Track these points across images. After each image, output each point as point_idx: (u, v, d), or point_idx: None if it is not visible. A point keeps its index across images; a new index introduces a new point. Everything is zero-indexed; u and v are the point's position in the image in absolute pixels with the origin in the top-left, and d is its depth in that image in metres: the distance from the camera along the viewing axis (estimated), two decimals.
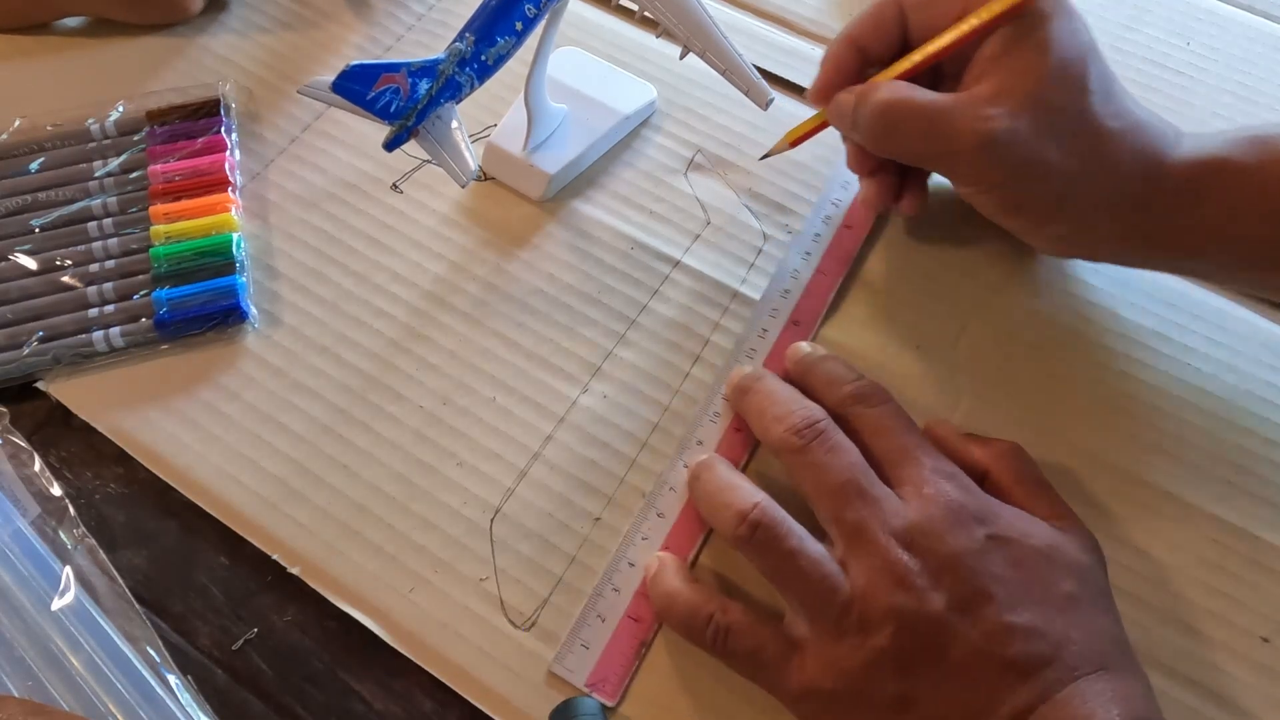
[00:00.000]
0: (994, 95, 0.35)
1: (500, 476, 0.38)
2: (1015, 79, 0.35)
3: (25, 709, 0.29)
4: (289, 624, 0.35)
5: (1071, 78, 0.35)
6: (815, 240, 0.43)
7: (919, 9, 0.37)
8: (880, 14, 0.38)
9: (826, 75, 0.39)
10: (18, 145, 0.45)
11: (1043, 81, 0.34)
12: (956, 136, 0.35)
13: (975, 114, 0.34)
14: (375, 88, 0.36)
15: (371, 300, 0.42)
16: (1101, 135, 0.35)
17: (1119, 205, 0.36)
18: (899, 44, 0.38)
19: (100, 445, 0.39)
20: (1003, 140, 0.34)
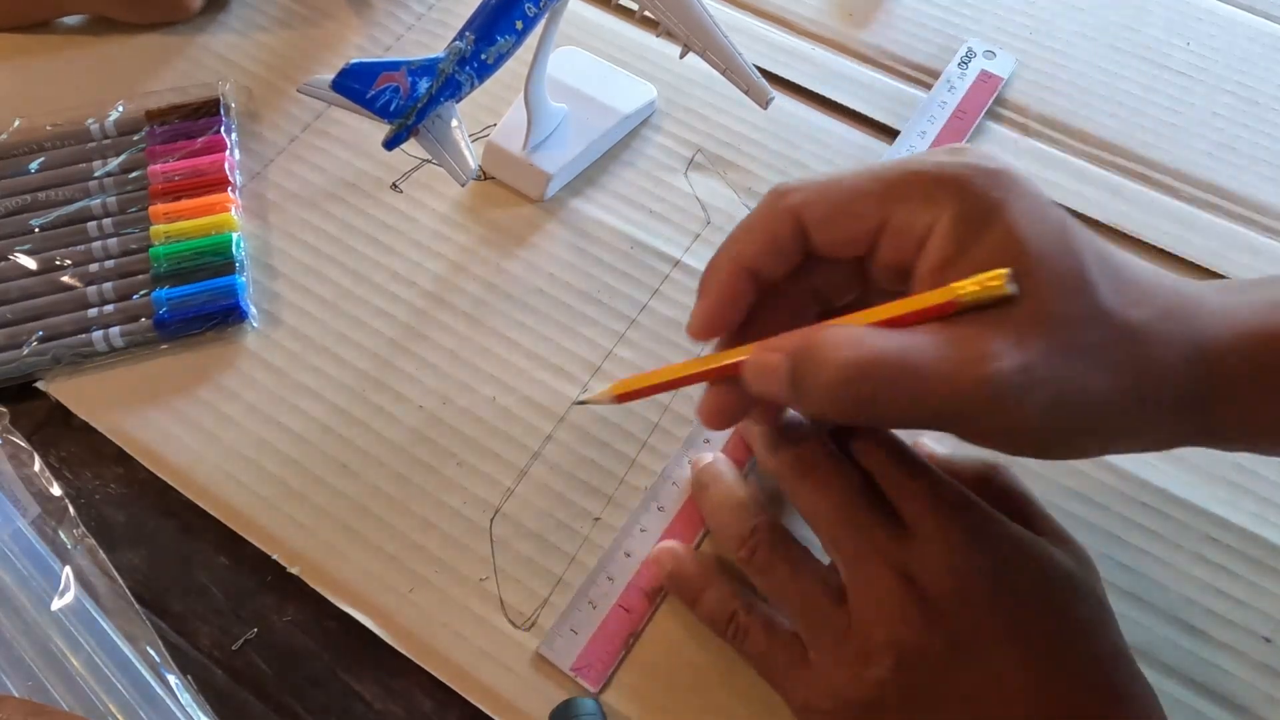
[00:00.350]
0: (983, 326, 0.26)
1: (500, 476, 0.38)
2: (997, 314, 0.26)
3: (25, 709, 0.29)
4: (289, 624, 0.35)
5: (1065, 274, 0.26)
6: None
7: (825, 225, 0.29)
8: (774, 233, 0.29)
9: (713, 304, 0.30)
10: (17, 145, 0.45)
11: (1037, 295, 0.26)
12: (958, 392, 0.26)
13: (970, 358, 0.25)
14: (375, 86, 0.36)
15: (371, 300, 0.42)
16: (1130, 336, 0.27)
17: (1176, 411, 0.28)
18: (799, 259, 0.30)
19: (100, 445, 0.39)
20: (1019, 382, 0.25)
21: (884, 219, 0.28)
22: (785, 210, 0.29)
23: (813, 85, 0.49)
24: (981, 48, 0.49)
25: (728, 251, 0.30)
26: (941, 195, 0.27)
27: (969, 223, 0.27)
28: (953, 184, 0.27)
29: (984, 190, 0.27)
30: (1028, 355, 0.25)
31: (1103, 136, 0.47)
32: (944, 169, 0.27)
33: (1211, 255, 0.44)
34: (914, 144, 0.46)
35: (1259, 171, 0.46)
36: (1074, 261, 0.27)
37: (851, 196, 0.28)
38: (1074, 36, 0.51)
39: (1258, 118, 0.48)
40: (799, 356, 0.27)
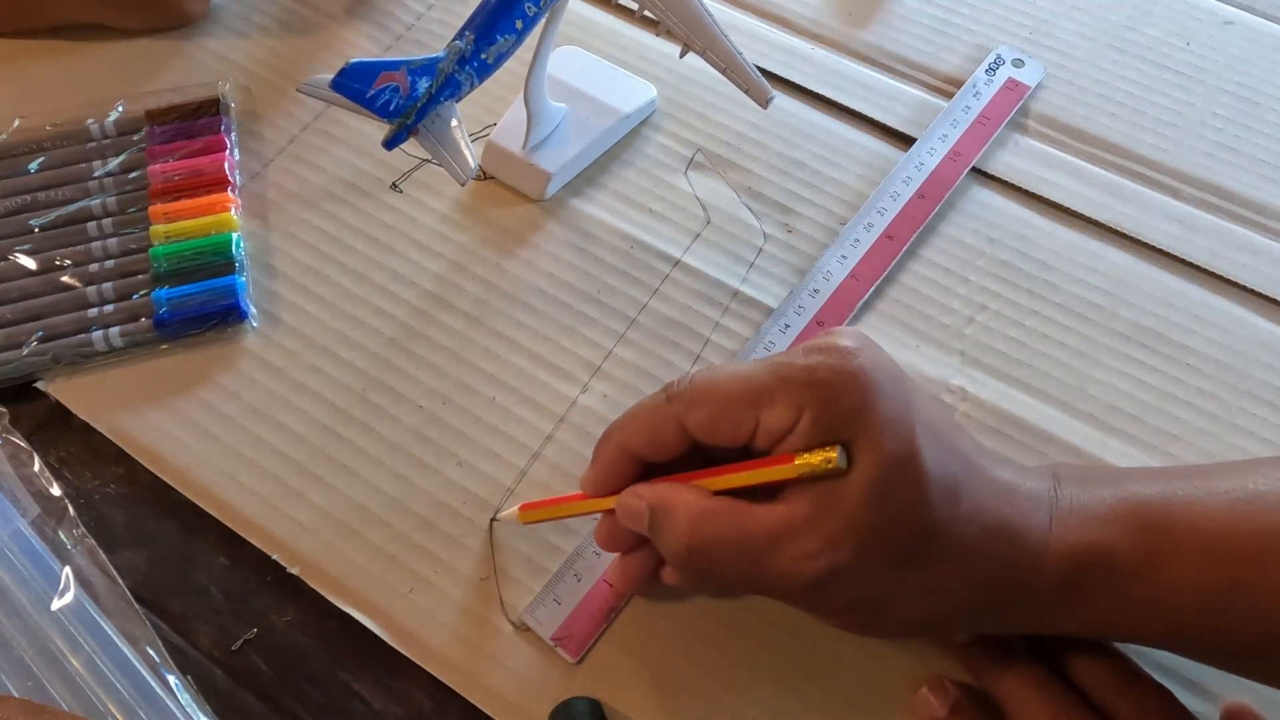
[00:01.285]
0: (809, 524, 0.29)
1: (500, 476, 0.38)
2: (830, 500, 0.29)
3: (25, 709, 0.29)
4: (289, 624, 0.35)
5: (900, 492, 0.28)
6: (854, 245, 0.43)
7: (705, 428, 0.31)
8: (658, 432, 0.31)
9: (600, 470, 0.33)
10: (17, 145, 0.45)
11: (865, 502, 0.28)
12: (780, 578, 0.29)
13: (795, 552, 0.29)
14: (375, 85, 0.35)
15: (371, 299, 0.42)
16: (954, 551, 0.29)
17: (988, 614, 0.31)
18: (684, 449, 0.32)
19: (100, 445, 0.39)
20: (829, 580, 0.29)
21: (755, 421, 0.30)
22: (669, 415, 0.31)
23: (812, 85, 0.49)
24: (1010, 54, 0.49)
25: (617, 435, 0.33)
26: (805, 399, 0.29)
27: (827, 425, 0.29)
28: (816, 388, 0.29)
29: (843, 395, 0.29)
30: (841, 557, 0.28)
31: (1102, 136, 0.47)
32: (812, 374, 0.29)
33: (1211, 255, 0.44)
34: (934, 147, 0.45)
35: (1259, 171, 0.46)
36: (912, 481, 0.29)
37: (727, 403, 0.30)
38: (1074, 37, 0.51)
39: (1258, 118, 0.48)
40: (656, 509, 0.31)
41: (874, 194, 0.44)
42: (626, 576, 0.34)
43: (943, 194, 0.44)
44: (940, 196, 0.44)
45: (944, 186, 0.45)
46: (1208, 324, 0.42)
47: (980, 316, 0.42)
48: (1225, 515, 0.29)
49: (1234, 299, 0.43)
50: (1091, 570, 0.30)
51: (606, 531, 0.34)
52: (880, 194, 0.44)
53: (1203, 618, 0.29)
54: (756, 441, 0.30)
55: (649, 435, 0.32)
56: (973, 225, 0.44)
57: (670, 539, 0.31)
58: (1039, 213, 0.45)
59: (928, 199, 0.44)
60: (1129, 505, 0.30)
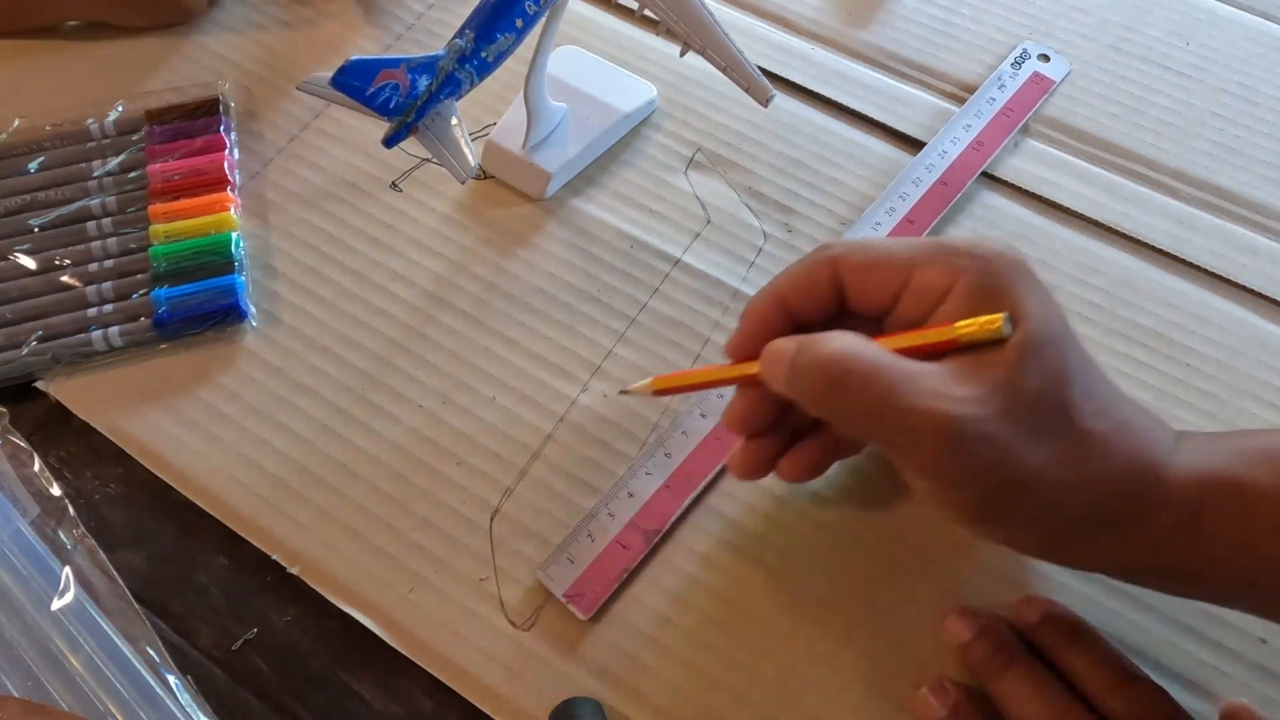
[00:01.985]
0: (961, 373, 0.29)
1: (500, 476, 0.38)
2: (981, 359, 0.29)
3: (25, 709, 0.29)
4: (289, 624, 0.35)
5: (1049, 364, 0.29)
6: (875, 229, 0.43)
7: (856, 273, 0.32)
8: (812, 275, 0.32)
9: (748, 329, 0.33)
10: (17, 145, 0.45)
11: (1018, 365, 0.28)
12: (914, 414, 0.28)
13: (939, 392, 0.28)
14: (375, 83, 0.35)
15: (371, 299, 0.42)
16: (1085, 438, 0.29)
17: (1106, 522, 0.30)
18: (833, 309, 0.32)
19: (100, 445, 0.39)
20: (969, 431, 0.28)
21: (908, 278, 0.31)
22: (825, 259, 0.32)
23: (813, 85, 0.49)
24: (1037, 50, 0.49)
25: (769, 286, 0.33)
26: (964, 264, 0.30)
27: (982, 292, 0.29)
28: (976, 259, 0.30)
29: (1002, 271, 0.30)
30: (985, 410, 0.28)
31: (1102, 136, 0.47)
32: (973, 246, 0.30)
33: (1211, 255, 0.44)
34: (957, 135, 0.46)
35: (1259, 171, 0.46)
36: (1059, 357, 0.29)
37: (885, 254, 0.31)
38: (1073, 36, 0.51)
39: (1258, 118, 0.48)
40: (804, 344, 0.30)
41: (896, 179, 0.45)
42: (747, 462, 0.34)
43: (964, 182, 0.45)
44: (962, 185, 0.45)
45: (966, 175, 0.45)
46: (1208, 324, 0.42)
47: None
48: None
49: (1234, 299, 0.43)
50: (1220, 498, 0.29)
51: (741, 408, 0.33)
52: (903, 179, 0.45)
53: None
54: (904, 302, 0.31)
55: (802, 280, 0.32)
56: (971, 224, 0.44)
57: (810, 366, 0.30)
58: (1039, 212, 0.45)
59: (950, 186, 0.44)
60: (1255, 446, 0.31)
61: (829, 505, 0.37)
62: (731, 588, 0.36)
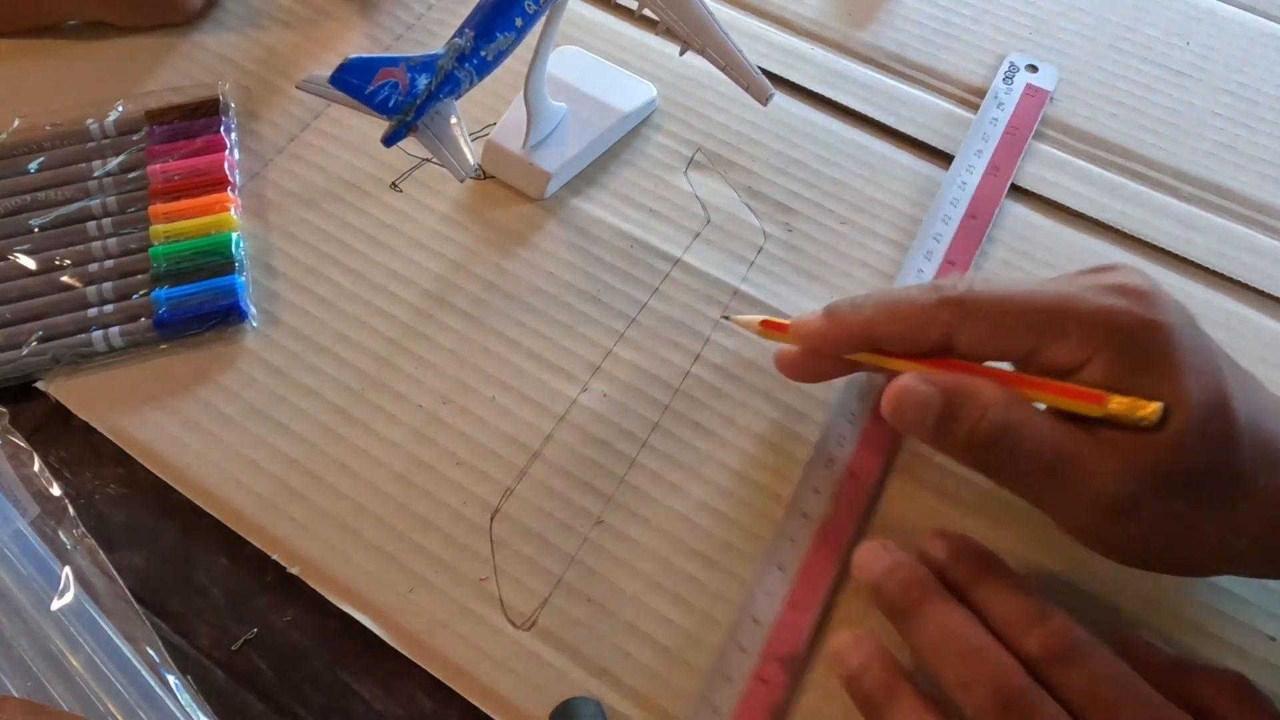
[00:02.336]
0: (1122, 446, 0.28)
1: (500, 476, 0.38)
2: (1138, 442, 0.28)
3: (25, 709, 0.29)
4: (289, 624, 0.35)
5: (1212, 439, 0.28)
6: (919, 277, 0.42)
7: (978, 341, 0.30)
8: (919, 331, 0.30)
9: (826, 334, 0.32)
10: (17, 145, 0.45)
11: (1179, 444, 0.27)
12: (1077, 489, 0.28)
13: (1097, 476, 0.28)
14: (374, 82, 0.35)
15: (371, 299, 0.42)
16: (1261, 493, 0.28)
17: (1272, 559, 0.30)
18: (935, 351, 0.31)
19: (100, 445, 0.39)
20: (1127, 514, 0.28)
21: (1033, 348, 0.29)
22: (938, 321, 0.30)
23: (813, 85, 0.49)
24: (1023, 61, 0.49)
25: (870, 311, 0.31)
26: (1100, 339, 0.28)
27: (1126, 369, 0.28)
28: (1114, 332, 0.28)
29: (1146, 343, 0.28)
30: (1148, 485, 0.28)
31: (1103, 136, 0.47)
32: (1108, 315, 0.29)
33: (1212, 255, 0.44)
34: (971, 164, 0.45)
35: (1259, 171, 0.46)
36: (1223, 427, 0.28)
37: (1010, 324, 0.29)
38: (1073, 36, 0.51)
39: (1258, 117, 0.48)
40: (957, 393, 0.29)
41: (925, 221, 0.43)
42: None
43: (992, 211, 0.44)
44: (990, 215, 0.44)
45: (992, 204, 0.44)
46: (1209, 323, 0.41)
47: None
48: None
49: (1236, 297, 0.43)
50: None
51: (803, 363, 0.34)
52: (932, 219, 0.43)
53: None
54: (1028, 364, 0.30)
55: (907, 332, 0.31)
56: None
57: (971, 422, 0.29)
58: (1039, 212, 0.45)
59: (979, 219, 0.43)
60: None
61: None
62: (732, 588, 0.36)
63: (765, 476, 0.38)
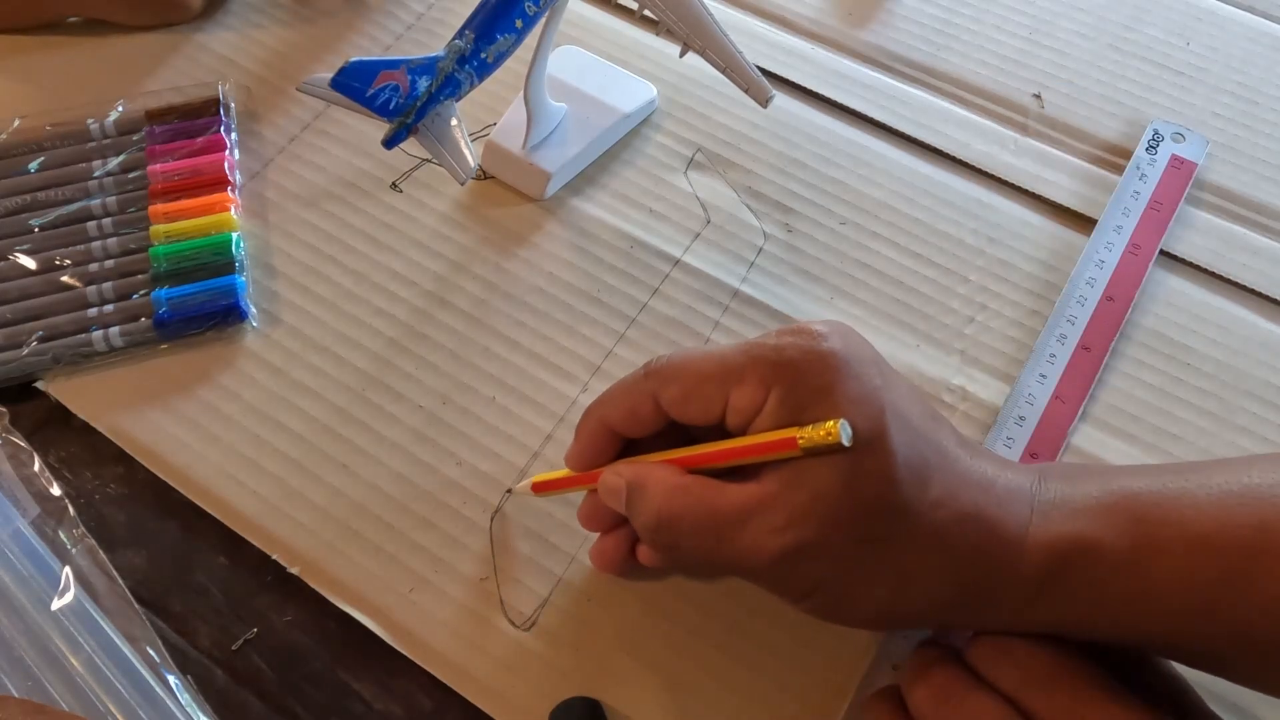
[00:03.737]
0: (775, 500, 0.29)
1: (500, 475, 0.38)
2: (798, 477, 0.29)
3: (25, 709, 0.29)
4: (289, 624, 0.35)
5: (872, 471, 0.28)
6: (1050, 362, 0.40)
7: (677, 405, 0.31)
8: (635, 407, 0.32)
9: (581, 449, 0.34)
10: (17, 145, 0.45)
11: (838, 478, 0.28)
12: (745, 553, 0.29)
13: (761, 527, 0.29)
14: (374, 84, 0.35)
15: (371, 299, 0.42)
16: (924, 535, 0.29)
17: (956, 604, 0.30)
18: (660, 429, 0.33)
19: (100, 445, 0.39)
20: (796, 559, 0.29)
21: (725, 400, 0.30)
22: (645, 392, 0.32)
23: (813, 85, 0.49)
24: (1169, 130, 0.46)
25: (596, 411, 0.33)
26: (773, 378, 0.29)
27: (794, 405, 0.29)
28: (784, 368, 0.29)
29: (812, 374, 0.29)
30: (810, 534, 0.28)
31: (1101, 136, 0.47)
32: (779, 353, 0.30)
33: (1211, 255, 0.44)
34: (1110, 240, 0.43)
35: (1259, 171, 0.46)
36: (883, 460, 0.28)
37: (699, 380, 0.31)
38: (1073, 36, 0.51)
39: (1258, 118, 0.48)
40: (633, 485, 0.31)
41: (1060, 300, 0.42)
42: (604, 555, 0.34)
43: (1132, 293, 0.42)
44: (1131, 296, 0.42)
45: (1132, 284, 0.42)
46: (1208, 324, 0.42)
47: (980, 316, 0.42)
48: (1218, 509, 0.29)
49: (1234, 299, 0.43)
50: (1074, 563, 0.29)
51: (588, 509, 0.34)
52: (1066, 300, 0.42)
53: (1192, 613, 0.28)
54: (728, 420, 0.31)
55: (626, 411, 0.32)
56: (973, 225, 0.44)
57: (642, 513, 0.31)
58: (1038, 211, 0.45)
59: (1117, 301, 0.41)
60: (1116, 498, 0.29)
61: None
62: (733, 585, 0.36)
63: None
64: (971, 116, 0.48)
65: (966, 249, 0.44)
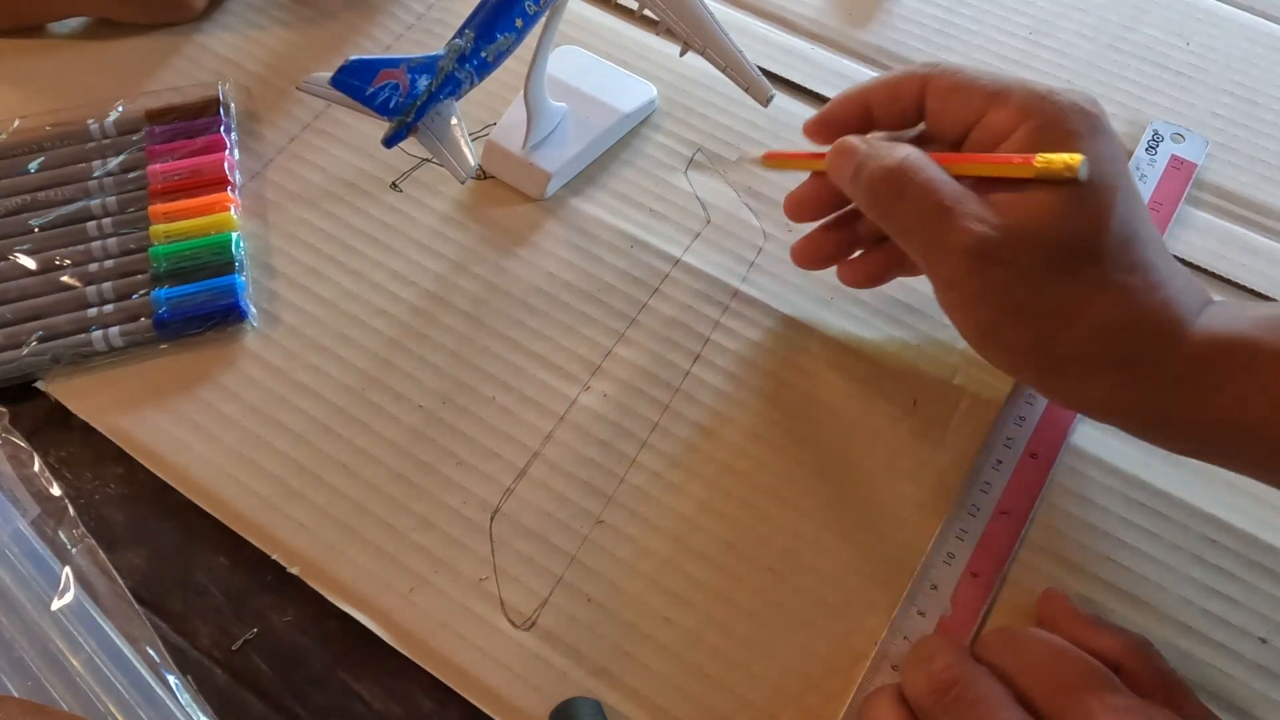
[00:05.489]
0: (1007, 204, 0.31)
1: (500, 476, 0.38)
2: (1024, 190, 0.31)
3: (25, 709, 0.29)
4: (289, 624, 0.35)
5: (1089, 211, 0.30)
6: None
7: (941, 95, 0.34)
8: (899, 86, 0.35)
9: (831, 112, 0.36)
10: (17, 145, 0.45)
11: (1057, 205, 0.30)
12: (952, 231, 0.31)
13: (978, 215, 0.31)
14: (375, 83, 0.35)
15: (371, 299, 0.42)
16: (1108, 286, 0.31)
17: (1111, 369, 0.31)
18: (911, 121, 0.35)
19: (100, 445, 0.39)
20: (991, 254, 0.30)
21: (984, 111, 0.32)
22: (917, 75, 0.34)
23: (813, 85, 0.49)
24: (1168, 130, 0.47)
25: (857, 87, 0.36)
26: (1034, 110, 0.31)
27: (1046, 136, 0.31)
28: (1048, 106, 0.31)
29: (1071, 118, 0.31)
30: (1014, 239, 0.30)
31: None
32: (1053, 93, 0.32)
33: (1211, 255, 0.44)
34: None
35: (1259, 171, 0.46)
36: (1103, 206, 0.30)
37: (970, 82, 0.33)
38: (1073, 36, 0.51)
39: (1258, 118, 0.48)
40: (872, 148, 0.33)
41: None
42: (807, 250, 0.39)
43: None
44: None
45: None
46: None
47: None
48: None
49: (1234, 299, 0.43)
50: (1232, 356, 0.30)
51: (801, 196, 0.38)
52: None
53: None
54: (975, 134, 0.33)
55: (890, 91, 0.35)
56: None
57: (879, 176, 0.32)
58: None
59: None
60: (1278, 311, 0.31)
61: (830, 510, 0.37)
62: (732, 587, 0.36)
63: (766, 476, 0.38)
64: None
65: None
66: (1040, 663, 0.30)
